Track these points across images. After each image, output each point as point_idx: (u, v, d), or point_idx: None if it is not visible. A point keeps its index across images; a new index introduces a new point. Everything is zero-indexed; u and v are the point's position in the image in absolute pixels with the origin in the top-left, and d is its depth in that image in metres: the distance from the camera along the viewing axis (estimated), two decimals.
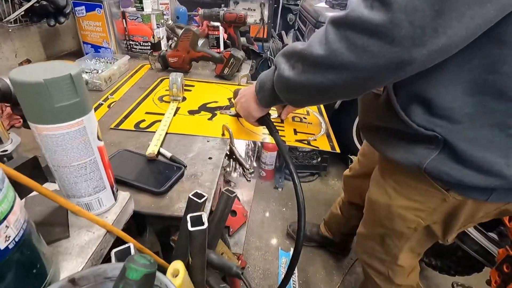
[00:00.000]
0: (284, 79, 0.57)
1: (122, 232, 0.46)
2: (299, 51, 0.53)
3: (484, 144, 0.55)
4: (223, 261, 0.61)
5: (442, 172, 0.59)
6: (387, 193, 0.76)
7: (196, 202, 0.53)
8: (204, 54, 1.27)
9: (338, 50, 0.46)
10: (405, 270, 0.92)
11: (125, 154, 0.73)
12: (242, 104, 0.75)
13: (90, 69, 1.16)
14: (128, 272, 0.30)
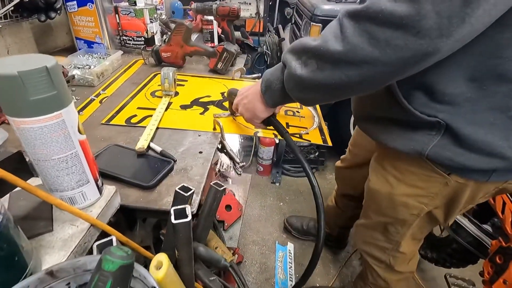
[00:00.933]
0: (297, 78, 0.54)
1: (107, 225, 0.46)
2: (313, 48, 0.50)
3: (486, 127, 0.55)
4: (211, 254, 0.61)
5: (444, 157, 0.60)
6: (389, 182, 0.76)
7: (182, 196, 0.53)
8: (197, 49, 1.27)
9: (359, 45, 0.44)
10: (407, 257, 0.92)
11: (115, 149, 0.73)
12: (246, 106, 0.69)
13: (83, 65, 1.15)
14: (104, 264, 0.30)
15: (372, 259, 0.98)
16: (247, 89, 0.71)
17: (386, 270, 0.97)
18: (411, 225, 0.80)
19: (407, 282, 1.02)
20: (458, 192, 0.67)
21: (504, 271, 0.86)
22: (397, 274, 0.96)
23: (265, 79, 0.63)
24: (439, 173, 0.65)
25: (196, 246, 0.63)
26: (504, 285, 0.86)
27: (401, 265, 0.93)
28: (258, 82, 0.67)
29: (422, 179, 0.69)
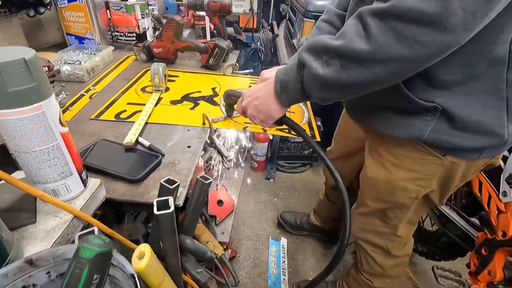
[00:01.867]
0: (319, 78, 0.53)
1: (90, 217, 0.47)
2: (336, 48, 0.50)
3: (479, 109, 0.58)
4: (197, 246, 0.62)
5: (442, 140, 0.63)
6: (386, 169, 0.77)
7: (167, 188, 0.54)
8: (188, 44, 1.26)
9: (386, 43, 0.45)
10: (403, 240, 0.94)
11: (103, 144, 0.74)
12: (258, 107, 0.67)
13: (73, 61, 1.15)
14: (81, 251, 0.31)
15: (369, 245, 0.99)
16: (255, 90, 0.68)
17: (383, 256, 0.98)
18: (409, 209, 0.82)
19: (402, 267, 1.04)
20: (453, 171, 0.70)
21: (489, 262, 0.88)
22: (393, 259, 0.98)
23: (279, 80, 0.62)
24: (435, 155, 0.68)
25: (183, 238, 0.64)
26: (489, 276, 0.88)
27: (397, 249, 0.95)
28: (267, 82, 0.66)
29: (418, 163, 0.71)
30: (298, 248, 1.65)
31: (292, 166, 2.20)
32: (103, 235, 0.33)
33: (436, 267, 1.04)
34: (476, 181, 0.97)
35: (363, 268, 1.07)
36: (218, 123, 0.89)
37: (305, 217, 1.70)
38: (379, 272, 1.02)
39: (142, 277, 0.44)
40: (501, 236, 0.84)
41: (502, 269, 0.86)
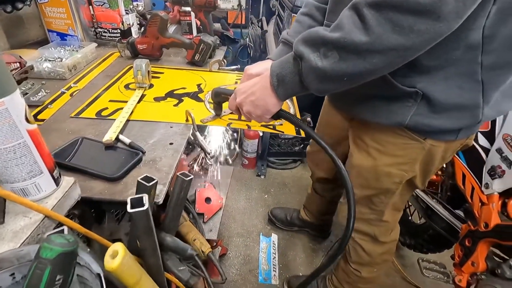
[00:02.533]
0: (318, 70, 0.54)
1: (62, 217, 0.45)
2: (335, 40, 0.51)
3: (457, 92, 0.60)
4: (178, 244, 0.61)
5: (422, 124, 0.65)
6: (371, 155, 0.79)
7: (144, 186, 0.53)
8: (174, 40, 1.25)
9: (384, 33, 0.47)
10: (389, 225, 0.96)
11: (82, 142, 0.72)
12: (255, 103, 0.66)
13: (54, 58, 1.12)
14: (42, 251, 0.30)
15: (356, 233, 1.00)
16: (249, 86, 0.67)
17: (370, 243, 1.00)
18: (394, 194, 0.84)
19: (389, 255, 1.06)
20: (433, 154, 0.74)
21: (472, 253, 0.89)
22: (381, 246, 0.99)
23: (274, 74, 0.61)
24: (417, 140, 0.71)
25: (164, 236, 0.63)
26: (472, 266, 0.89)
27: (384, 235, 0.97)
28: (261, 77, 0.65)
29: (401, 148, 0.74)
30: (288, 243, 1.66)
31: (283, 163, 2.20)
32: (68, 235, 0.32)
33: (421, 259, 1.05)
34: (460, 174, 0.98)
35: (352, 258, 1.08)
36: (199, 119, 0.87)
37: (295, 213, 1.70)
38: (367, 261, 1.03)
39: (116, 276, 0.43)
40: (484, 227, 0.86)
41: (484, 260, 0.87)
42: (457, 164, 0.99)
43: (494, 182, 0.85)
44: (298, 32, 0.84)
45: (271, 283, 1.45)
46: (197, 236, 0.96)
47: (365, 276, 1.07)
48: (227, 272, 1.49)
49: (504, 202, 0.86)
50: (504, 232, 0.79)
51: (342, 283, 1.17)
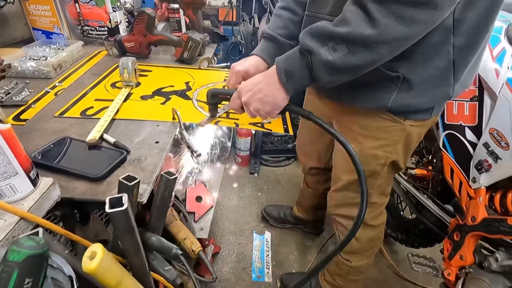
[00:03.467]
0: (328, 64, 0.56)
1: (40, 218, 0.44)
2: (344, 34, 0.54)
3: (433, 73, 0.67)
4: (163, 243, 0.60)
5: (404, 105, 0.71)
6: (357, 140, 0.83)
7: (126, 185, 0.52)
8: (161, 38, 1.23)
9: (389, 25, 0.51)
10: (377, 208, 0.99)
11: (65, 142, 0.71)
12: (263, 100, 0.66)
13: (39, 56, 1.10)
14: (9, 255, 0.29)
15: (346, 219, 1.03)
16: (254, 84, 0.67)
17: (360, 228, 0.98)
18: (379, 175, 0.88)
19: (378, 241, 1.08)
20: (412, 134, 0.80)
21: (460, 247, 0.90)
22: (370, 230, 1.02)
23: (282, 70, 0.63)
24: (398, 121, 0.77)
25: (149, 236, 0.62)
26: (460, 260, 0.90)
27: (373, 219, 1.00)
28: (265, 74, 0.66)
29: (384, 131, 0.79)
30: (282, 241, 1.66)
31: (276, 160, 2.20)
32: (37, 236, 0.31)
33: (411, 254, 1.05)
34: (448, 169, 0.98)
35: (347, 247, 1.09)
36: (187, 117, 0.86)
37: (288, 210, 1.70)
38: (357, 248, 1.05)
39: (96, 278, 0.43)
40: (471, 221, 0.86)
41: (472, 253, 0.88)
42: (446, 159, 0.99)
43: (481, 176, 0.86)
44: (278, 26, 0.87)
45: (264, 281, 1.45)
46: (187, 235, 0.95)
47: (356, 265, 1.08)
48: (220, 270, 1.49)
49: (491, 196, 0.87)
50: (491, 226, 0.79)
51: (334, 277, 1.18)
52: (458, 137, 0.95)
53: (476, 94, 0.93)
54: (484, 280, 0.80)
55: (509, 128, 0.78)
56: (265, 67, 0.86)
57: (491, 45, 0.91)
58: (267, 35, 0.86)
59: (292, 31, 0.86)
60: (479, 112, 0.91)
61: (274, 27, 0.86)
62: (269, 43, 0.86)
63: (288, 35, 0.86)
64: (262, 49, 0.85)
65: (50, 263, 0.33)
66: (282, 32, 0.85)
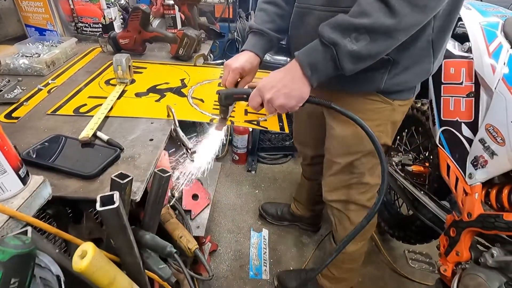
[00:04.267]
0: (353, 53, 0.61)
1: (30, 217, 0.43)
2: (367, 25, 0.58)
3: (419, 53, 0.74)
4: (157, 241, 0.60)
5: (394, 84, 0.78)
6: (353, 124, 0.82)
7: (118, 183, 0.51)
8: (156, 34, 1.22)
9: (407, 14, 0.57)
10: (371, 188, 1.02)
11: (57, 139, 0.70)
12: (290, 94, 0.68)
13: (31, 53, 1.08)
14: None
15: (341, 204, 1.05)
16: (277, 80, 0.68)
17: (355, 211, 1.05)
18: (372, 154, 0.93)
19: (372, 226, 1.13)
20: (398, 113, 0.88)
21: (456, 243, 0.90)
22: (365, 211, 1.04)
23: (306, 64, 0.65)
24: (388, 102, 0.83)
25: (142, 234, 0.62)
26: (456, 256, 0.90)
27: (368, 200, 1.03)
28: (286, 70, 0.68)
29: (377, 112, 0.84)
30: (279, 238, 1.66)
31: (273, 158, 2.20)
32: (23, 235, 0.30)
33: (407, 250, 1.06)
34: (445, 165, 0.98)
35: (338, 234, 1.12)
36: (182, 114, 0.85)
37: (286, 208, 1.70)
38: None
39: (87, 277, 0.42)
40: (467, 217, 0.86)
41: (468, 249, 0.88)
42: (442, 155, 0.99)
43: (477, 172, 0.86)
44: (266, 20, 0.88)
45: (262, 278, 1.45)
46: (183, 233, 0.95)
47: (350, 251, 1.09)
48: (217, 268, 1.49)
49: (487, 192, 0.87)
50: (487, 222, 0.79)
51: (330, 268, 1.19)
52: (455, 133, 0.95)
53: (472, 90, 0.93)
54: (480, 276, 0.80)
55: (505, 124, 0.78)
56: (258, 62, 0.87)
57: (488, 41, 0.90)
58: (257, 29, 0.87)
59: (279, 25, 0.89)
60: (475, 108, 0.91)
61: (261, 22, 0.88)
62: (260, 38, 0.87)
63: (276, 29, 0.88)
64: (254, 45, 0.86)
65: (38, 262, 0.32)
66: (270, 26, 0.87)
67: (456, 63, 1.00)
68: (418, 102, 1.39)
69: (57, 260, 0.43)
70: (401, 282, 1.45)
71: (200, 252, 0.91)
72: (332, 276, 1.20)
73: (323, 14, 0.76)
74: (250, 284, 1.42)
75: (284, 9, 0.88)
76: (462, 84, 0.96)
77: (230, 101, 0.80)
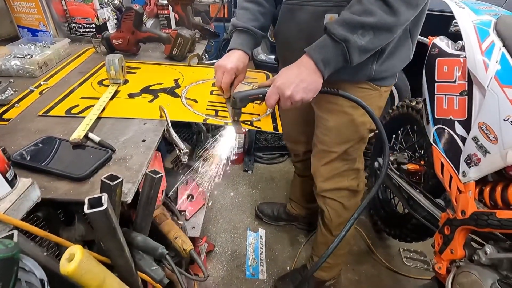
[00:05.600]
0: (361, 47, 0.69)
1: (16, 220, 0.43)
2: (372, 23, 0.67)
3: (403, 41, 0.84)
4: (148, 243, 0.59)
5: (382, 71, 0.86)
6: (347, 113, 0.94)
7: (108, 185, 0.51)
8: (150, 35, 1.21)
9: (404, 11, 0.67)
10: (360, 173, 1.10)
11: (48, 141, 0.69)
12: (308, 88, 0.74)
13: (24, 54, 1.07)
14: None
15: (335, 192, 1.10)
16: (294, 76, 0.73)
17: (348, 197, 1.12)
18: (364, 140, 1.02)
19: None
20: (383, 98, 0.97)
21: (451, 241, 0.90)
22: (358, 195, 1.14)
23: (319, 60, 0.72)
24: (376, 89, 0.91)
25: (134, 236, 0.61)
26: (451, 254, 0.90)
27: (358, 185, 1.12)
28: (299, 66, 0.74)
29: (367, 99, 0.86)
30: (276, 238, 1.66)
31: (270, 157, 2.20)
32: (6, 239, 0.30)
33: (402, 248, 1.06)
34: (439, 164, 0.98)
35: (332, 222, 1.16)
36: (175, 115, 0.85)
37: (282, 208, 1.70)
38: (346, 217, 1.13)
39: (75, 280, 0.42)
40: (461, 215, 0.86)
41: (462, 247, 0.88)
42: (436, 153, 0.99)
43: (470, 170, 0.86)
44: (250, 19, 0.91)
45: (259, 278, 1.45)
46: (178, 234, 0.94)
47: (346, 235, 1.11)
48: (214, 268, 1.49)
49: (481, 190, 0.87)
50: (480, 219, 0.79)
51: None
52: (448, 131, 0.95)
53: (466, 89, 0.93)
54: (473, 273, 0.80)
55: (498, 121, 0.78)
56: (247, 59, 0.90)
57: (480, 39, 0.91)
58: (242, 28, 0.89)
59: (262, 23, 0.92)
60: (468, 106, 0.91)
61: (246, 20, 0.90)
62: (246, 36, 0.90)
63: (260, 26, 0.91)
64: (242, 43, 0.89)
65: (22, 266, 0.32)
66: (254, 24, 0.90)
67: (450, 62, 1.00)
68: (413, 100, 1.39)
69: (46, 263, 0.43)
70: (397, 279, 1.45)
71: (196, 253, 0.91)
72: (328, 266, 1.21)
73: (315, 9, 0.81)
74: (247, 284, 1.42)
75: (266, 7, 0.93)
76: (455, 83, 0.96)
77: (246, 103, 0.79)
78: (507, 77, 0.81)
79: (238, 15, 0.93)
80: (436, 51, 1.06)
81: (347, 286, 1.44)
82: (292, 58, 0.82)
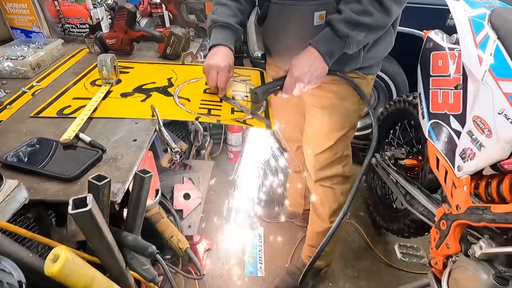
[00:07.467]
0: (360, 42, 0.81)
1: (3, 222, 0.43)
2: (371, 23, 0.77)
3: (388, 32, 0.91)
4: (138, 242, 0.59)
5: (369, 58, 0.93)
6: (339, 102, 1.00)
7: (95, 185, 0.51)
8: (143, 34, 1.21)
9: (395, 10, 0.78)
10: (349, 159, 1.16)
11: (38, 142, 0.69)
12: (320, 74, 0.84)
13: (16, 56, 1.07)
14: None
15: (329, 180, 1.14)
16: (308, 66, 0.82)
17: (341, 183, 1.16)
18: (355, 127, 1.08)
19: None
20: (370, 86, 1.04)
21: (447, 236, 0.89)
22: (347, 181, 1.18)
23: (326, 52, 0.81)
24: (363, 78, 0.97)
25: (125, 235, 0.61)
26: (447, 249, 0.90)
27: (349, 170, 1.16)
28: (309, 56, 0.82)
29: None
30: (275, 235, 1.66)
31: None
32: None
33: (399, 244, 1.05)
34: (434, 159, 0.98)
35: (326, 210, 1.19)
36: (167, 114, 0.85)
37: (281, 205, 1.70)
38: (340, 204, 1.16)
39: (60, 281, 0.41)
40: (456, 209, 0.86)
41: (458, 242, 0.88)
42: (431, 148, 0.98)
43: (465, 164, 0.85)
44: (229, 15, 0.93)
45: (257, 275, 1.45)
46: (174, 233, 0.94)
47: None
48: (213, 267, 1.49)
49: (476, 184, 0.86)
50: (475, 214, 0.79)
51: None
52: (443, 126, 0.95)
53: (460, 82, 0.92)
54: (469, 269, 0.80)
55: (492, 115, 0.77)
56: (232, 54, 0.92)
57: (474, 32, 0.89)
58: (224, 23, 0.91)
59: (241, 19, 0.96)
60: (463, 100, 0.90)
61: (226, 16, 0.92)
62: (228, 31, 0.92)
63: (239, 22, 0.95)
64: (225, 38, 0.91)
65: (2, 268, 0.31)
66: (234, 20, 0.93)
67: (444, 55, 0.99)
68: (410, 95, 1.38)
69: (32, 265, 0.43)
70: (396, 275, 1.45)
71: (192, 252, 0.91)
72: (323, 254, 1.20)
73: (304, 8, 0.84)
74: (245, 282, 1.42)
75: (244, 4, 0.97)
76: (450, 76, 0.95)
77: (266, 96, 0.87)
78: (502, 70, 0.79)
79: (217, 11, 0.94)
80: (430, 45, 1.05)
81: (346, 282, 1.44)
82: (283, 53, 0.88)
